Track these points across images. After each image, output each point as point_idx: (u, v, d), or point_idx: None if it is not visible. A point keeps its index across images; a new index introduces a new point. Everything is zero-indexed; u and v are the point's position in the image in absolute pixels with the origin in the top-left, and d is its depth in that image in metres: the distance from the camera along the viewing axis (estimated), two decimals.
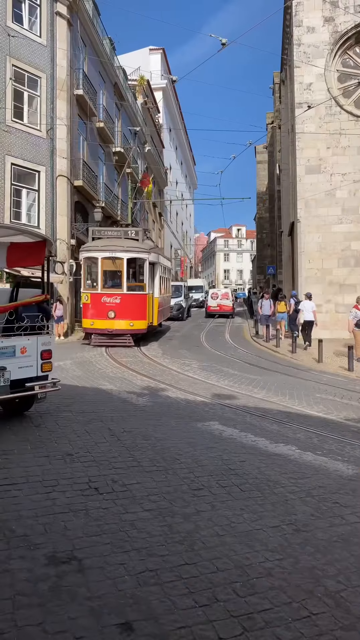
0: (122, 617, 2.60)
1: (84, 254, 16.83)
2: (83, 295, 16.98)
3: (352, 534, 3.66)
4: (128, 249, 16.32)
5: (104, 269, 16.34)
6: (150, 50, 44.91)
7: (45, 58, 19.81)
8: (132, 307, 16.20)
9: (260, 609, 2.72)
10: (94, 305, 16.17)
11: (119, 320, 15.98)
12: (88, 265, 16.88)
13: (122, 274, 16.17)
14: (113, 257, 16.19)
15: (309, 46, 20.95)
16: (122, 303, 16.05)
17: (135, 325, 16.12)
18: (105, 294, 16.20)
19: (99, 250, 16.43)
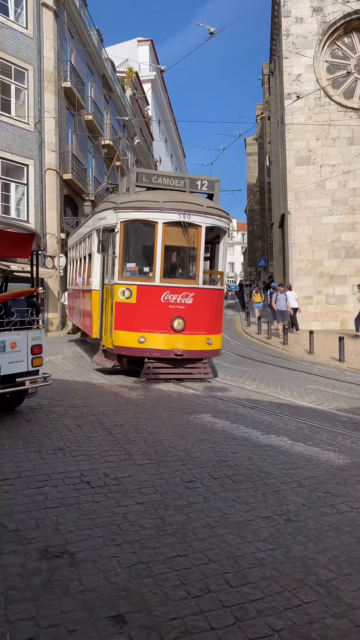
0: (115, 610, 2.61)
1: (123, 214, 9.35)
2: (117, 289, 9.30)
3: (343, 523, 3.69)
4: (208, 210, 9.57)
5: (167, 243, 9.34)
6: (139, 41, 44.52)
7: (32, 50, 19.60)
8: (207, 312, 9.65)
9: (252, 599, 2.73)
10: (146, 307, 9.23)
11: (191, 335, 9.29)
12: (129, 235, 9.70)
13: (198, 254, 9.51)
14: (185, 223, 9.28)
15: (298, 37, 20.89)
16: (195, 305, 9.35)
17: (213, 342, 9.60)
18: (169, 289, 9.24)
19: (157, 208, 9.16)
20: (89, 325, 11.07)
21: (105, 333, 9.92)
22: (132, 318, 9.23)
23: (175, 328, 9.11)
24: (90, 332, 11.06)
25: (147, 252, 9.72)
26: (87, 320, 11.44)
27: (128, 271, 9.51)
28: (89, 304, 10.98)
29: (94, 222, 10.73)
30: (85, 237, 12.07)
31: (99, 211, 10.43)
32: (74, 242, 15.27)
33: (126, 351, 9.43)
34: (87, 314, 11.39)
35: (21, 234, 6.67)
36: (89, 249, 11.53)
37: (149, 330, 9.14)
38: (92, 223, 10.98)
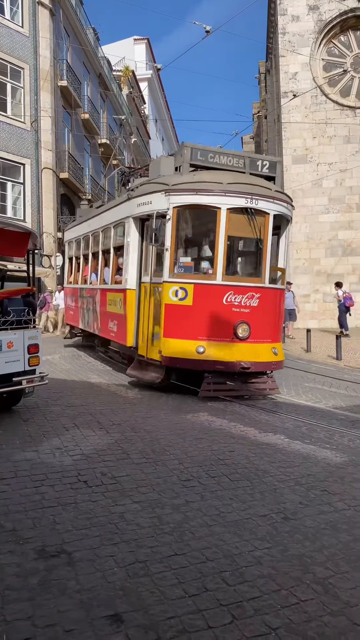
0: (112, 609, 2.60)
1: (176, 197, 7.76)
2: (168, 288, 7.78)
3: (340, 521, 3.69)
4: (277, 195, 8.21)
5: (231, 233, 7.93)
6: (135, 40, 44.45)
7: (28, 48, 19.56)
8: (272, 316, 8.29)
9: (249, 597, 2.73)
10: (205, 310, 7.72)
11: (256, 344, 7.88)
12: (184, 223, 8.36)
13: (265, 247, 8.06)
14: (252, 210, 7.80)
15: (294, 35, 20.90)
16: (260, 308, 7.92)
17: (278, 352, 8.21)
18: (232, 288, 7.77)
19: (221, 191, 7.64)
20: (117, 331, 9.33)
21: (144, 341, 8.30)
22: (188, 323, 7.70)
23: (239, 335, 7.67)
24: (119, 339, 9.27)
25: (206, 244, 8.69)
26: (114, 325, 9.58)
27: (182, 267, 8.04)
28: (120, 306, 9.10)
29: (129, 209, 8.80)
30: (108, 228, 10.25)
31: (137, 195, 8.52)
32: (79, 234, 13.23)
33: (180, 363, 7.76)
34: (114, 318, 9.48)
35: (17, 232, 6.66)
36: (115, 240, 9.87)
37: (208, 338, 7.65)
38: (125, 210, 9.05)
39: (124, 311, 8.88)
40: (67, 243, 14.77)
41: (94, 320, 11.30)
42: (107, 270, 10.34)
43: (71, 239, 14.35)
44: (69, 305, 14.38)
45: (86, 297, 12.13)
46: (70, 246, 14.48)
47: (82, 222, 12.98)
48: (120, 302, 9.12)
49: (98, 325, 10.89)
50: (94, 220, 11.55)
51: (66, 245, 14.94)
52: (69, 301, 14.53)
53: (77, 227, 13.62)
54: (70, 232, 14.61)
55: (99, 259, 11.01)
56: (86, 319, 12.16)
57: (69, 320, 14.65)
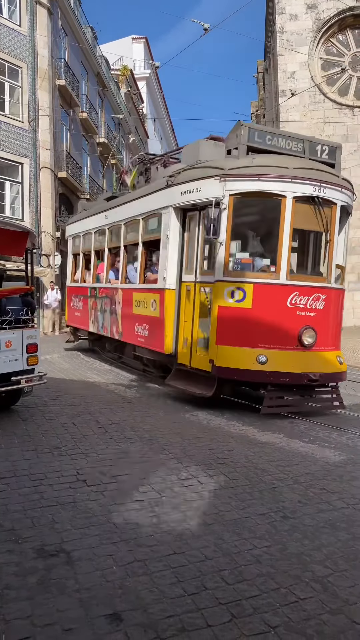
0: (111, 608, 2.60)
1: (233, 183, 6.86)
2: (222, 288, 6.94)
3: (339, 520, 3.70)
4: (344, 183, 7.51)
5: (296, 225, 7.08)
6: (133, 39, 44.40)
7: (26, 48, 19.51)
8: (336, 320, 7.58)
9: (248, 596, 2.73)
10: (267, 314, 6.84)
11: (322, 352, 7.12)
12: (241, 213, 7.27)
13: (331, 242, 7.33)
14: (320, 200, 7.06)
15: (292, 34, 20.89)
16: (326, 311, 7.16)
17: (343, 361, 7.43)
18: (298, 289, 6.95)
19: (287, 177, 6.82)
20: (149, 336, 8.31)
21: (186, 348, 7.47)
22: (246, 329, 6.77)
23: (304, 342, 6.79)
24: (151, 345, 8.23)
25: (267, 237, 7.54)
26: (143, 329, 8.53)
27: (238, 264, 7.07)
28: (154, 308, 8.09)
29: (168, 198, 7.73)
30: (134, 220, 9.07)
31: (181, 182, 7.44)
32: (87, 228, 11.91)
33: (237, 374, 6.79)
34: (145, 321, 8.46)
35: (16, 232, 6.65)
36: (146, 234, 8.69)
37: (270, 346, 6.70)
38: (161, 199, 7.97)
39: (160, 314, 7.89)
40: (72, 238, 13.29)
41: (112, 324, 10.11)
42: (132, 268, 9.38)
43: (76, 234, 12.94)
44: (74, 306, 12.83)
45: (100, 297, 10.83)
46: (75, 242, 13.09)
47: (91, 215, 11.77)
48: (155, 304, 8.12)
49: (118, 329, 9.72)
50: (112, 212, 10.34)
51: (70, 240, 13.50)
52: (73, 301, 12.93)
53: (84, 221, 12.28)
54: (74, 227, 13.25)
55: (121, 255, 9.80)
56: (100, 321, 10.85)
57: (73, 322, 13.17)
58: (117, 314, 9.80)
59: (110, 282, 10.36)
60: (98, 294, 11.04)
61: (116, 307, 9.87)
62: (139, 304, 8.79)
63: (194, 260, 7.47)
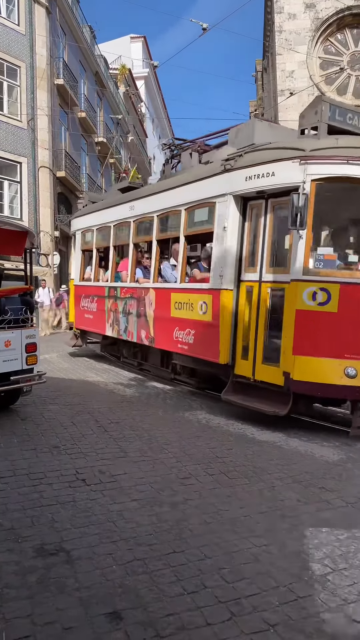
0: (111, 607, 2.61)
1: (317, 166, 5.94)
2: (302, 289, 5.97)
3: (337, 518, 3.71)
4: None
5: None
6: (132, 38, 44.38)
7: (24, 47, 19.50)
8: None
9: (247, 594, 2.74)
10: (356, 319, 5.95)
11: None
12: (325, 201, 6.36)
13: None
14: None
15: (291, 33, 20.89)
16: None
17: None
18: None
19: None
20: (196, 343, 7.32)
21: (247, 357, 6.53)
22: (331, 336, 5.89)
23: None
24: (199, 353, 7.23)
25: (355, 230, 6.79)
26: (186, 335, 7.48)
27: (321, 260, 6.12)
28: (204, 311, 7.10)
29: (225, 184, 6.76)
30: (175, 211, 7.93)
31: (247, 165, 6.48)
32: (103, 222, 10.63)
33: (320, 390, 5.92)
34: (188, 326, 7.43)
35: (14, 231, 6.65)
36: (190, 226, 7.71)
37: None
38: (215, 186, 6.95)
39: (212, 318, 6.94)
40: (81, 233, 11.86)
41: (139, 328, 8.94)
42: (168, 265, 8.41)
43: (87, 228, 11.53)
44: (85, 307, 11.49)
45: (123, 298, 9.61)
46: (86, 237, 11.70)
47: (108, 207, 10.49)
48: (206, 306, 7.13)
49: (149, 334, 8.60)
50: (139, 203, 9.11)
51: (78, 235, 12.05)
52: (83, 302, 11.60)
53: (98, 214, 10.97)
54: (84, 220, 11.83)
55: (153, 251, 8.62)
56: (122, 325, 9.63)
57: (81, 324, 11.82)
58: (147, 317, 8.69)
59: (138, 281, 9.10)
60: (119, 294, 9.77)
61: (146, 309, 8.70)
62: (181, 306, 7.73)
63: (257, 256, 6.55)
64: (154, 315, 8.44)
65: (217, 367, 6.96)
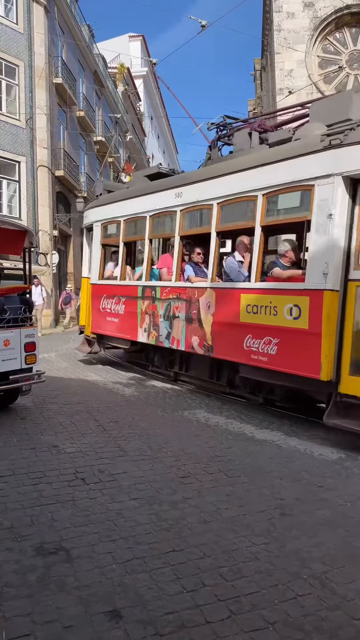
0: (111, 605, 2.62)
1: None
2: None
3: (336, 517, 3.71)
4: None
5: None
6: (130, 37, 44.33)
7: (23, 46, 19.47)
8: None
9: (246, 593, 2.75)
10: None
11: None
12: None
13: None
14: None
15: (290, 32, 20.89)
16: None
17: None
18: None
19: None
20: (281, 355, 6.18)
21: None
22: None
23: None
24: (294, 367, 6.02)
25: None
26: (266, 345, 6.34)
27: None
28: (298, 316, 6.01)
29: (331, 162, 5.69)
30: (248, 196, 6.72)
31: (353, 142, 5.46)
32: (132, 212, 9.33)
33: None
34: (270, 333, 6.33)
35: (13, 230, 6.65)
36: (271, 214, 6.55)
37: None
38: (316, 165, 5.86)
39: (308, 324, 5.88)
40: (101, 225, 10.38)
41: (189, 334, 7.70)
42: (233, 261, 7.23)
43: (110, 219, 10.11)
44: (105, 309, 10.08)
45: (165, 299, 8.30)
46: (108, 229, 10.36)
47: (140, 195, 9.18)
48: (298, 310, 6.06)
49: (205, 342, 7.35)
50: (190, 189, 7.82)
51: (97, 228, 10.52)
52: (103, 303, 10.14)
53: (124, 203, 9.66)
54: (103, 210, 10.39)
55: (212, 245, 7.35)
56: (162, 330, 8.35)
57: (99, 328, 10.37)
58: (202, 322, 7.46)
59: (189, 279, 7.82)
60: (159, 295, 8.45)
61: (200, 313, 7.48)
62: (257, 310, 6.56)
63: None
64: (214, 320, 7.22)
65: (314, 383, 5.85)
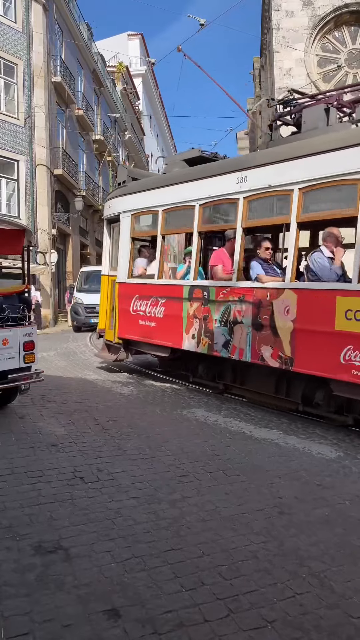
0: (109, 604, 2.62)
1: None
2: None
3: (335, 515, 3.72)
4: None
5: None
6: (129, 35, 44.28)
7: (21, 44, 19.45)
8: None
9: (245, 591, 2.75)
10: None
11: None
12: None
13: None
14: None
15: (288, 30, 20.85)
16: None
17: None
18: None
19: None
20: None
21: None
22: None
23: None
24: None
25: None
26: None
27: None
28: None
29: None
30: (349, 179, 5.69)
31: None
32: (191, 199, 7.70)
33: None
34: None
35: (13, 230, 6.63)
36: None
37: None
38: None
39: None
40: (131, 216, 9.09)
41: (259, 343, 6.59)
42: (322, 257, 6.22)
43: (144, 209, 8.87)
44: (137, 311, 8.79)
45: (223, 301, 7.07)
46: (141, 221, 9.22)
47: (180, 182, 8.00)
48: None
49: (283, 353, 6.24)
50: (255, 173, 6.74)
51: (125, 219, 9.21)
52: (136, 305, 8.83)
53: (162, 191, 8.39)
54: (134, 199, 9.10)
55: (292, 238, 6.34)
56: (217, 337, 7.16)
57: (129, 332, 9.05)
58: (276, 330, 6.37)
59: (258, 279, 6.69)
60: (213, 296, 7.23)
61: (275, 318, 6.38)
62: None
63: None
64: (295, 328, 6.15)
65: None
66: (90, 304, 17.46)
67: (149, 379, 9.06)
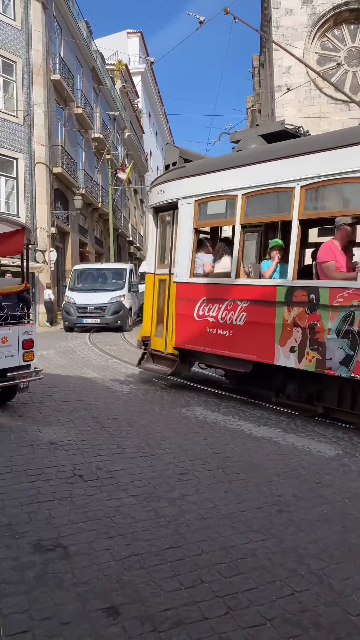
0: (108, 602, 2.62)
1: None
2: None
3: (334, 513, 3.72)
4: None
5: None
6: (128, 33, 44.22)
7: (20, 42, 19.42)
8: None
9: (244, 589, 2.75)
10: None
11: None
12: None
13: None
14: None
15: (288, 28, 20.85)
16: None
17: None
18: None
19: None
20: None
21: None
22: None
23: None
24: None
25: None
26: None
27: None
28: None
29: None
30: None
31: None
32: (283, 179, 6.22)
33: None
34: None
35: (13, 230, 6.63)
36: None
37: None
38: None
39: None
40: (195, 203, 7.49)
41: None
42: None
43: (214, 194, 7.25)
44: (203, 317, 7.28)
45: (342, 307, 5.59)
46: (208, 208, 7.51)
47: (267, 160, 6.53)
48: None
49: None
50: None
51: (186, 206, 7.61)
52: (202, 309, 7.33)
53: (237, 171, 6.90)
54: (196, 182, 7.50)
55: None
56: (332, 351, 5.71)
57: (190, 342, 7.60)
58: None
59: None
60: (326, 299, 5.76)
61: None
62: None
63: None
64: None
65: None
66: (82, 304, 17.05)
67: (148, 378, 8.99)
